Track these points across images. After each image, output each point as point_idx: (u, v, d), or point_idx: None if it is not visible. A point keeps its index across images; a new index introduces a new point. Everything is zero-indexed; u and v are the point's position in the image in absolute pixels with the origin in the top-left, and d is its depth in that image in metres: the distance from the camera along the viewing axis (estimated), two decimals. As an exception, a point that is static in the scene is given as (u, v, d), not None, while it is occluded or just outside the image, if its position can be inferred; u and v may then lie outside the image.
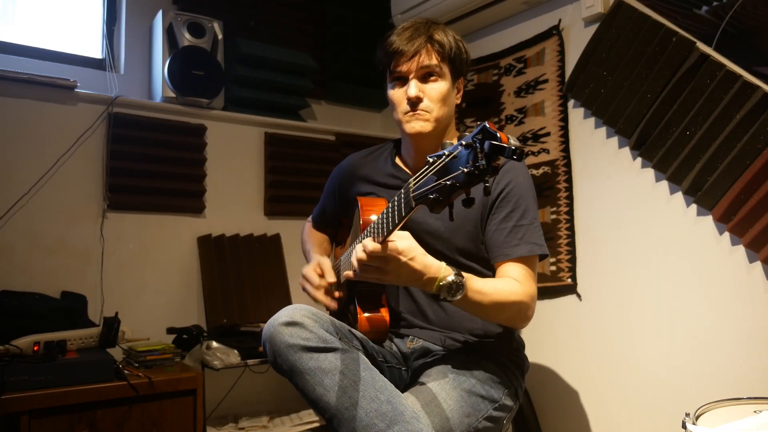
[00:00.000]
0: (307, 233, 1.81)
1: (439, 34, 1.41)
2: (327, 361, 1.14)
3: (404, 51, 1.39)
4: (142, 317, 2.28)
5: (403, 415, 1.11)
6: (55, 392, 1.66)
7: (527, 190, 1.42)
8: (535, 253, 1.36)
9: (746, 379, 1.68)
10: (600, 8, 2.08)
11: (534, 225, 1.39)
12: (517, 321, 1.35)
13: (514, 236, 1.36)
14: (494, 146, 0.84)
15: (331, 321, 1.24)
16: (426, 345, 1.43)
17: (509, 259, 1.36)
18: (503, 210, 1.39)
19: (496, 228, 1.38)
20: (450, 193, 0.91)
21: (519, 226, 1.37)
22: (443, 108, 1.42)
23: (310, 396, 1.15)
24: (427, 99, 1.39)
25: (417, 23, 1.44)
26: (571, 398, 2.18)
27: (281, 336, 1.16)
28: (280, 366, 1.19)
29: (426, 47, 1.39)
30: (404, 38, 1.40)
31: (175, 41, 2.39)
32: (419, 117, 1.40)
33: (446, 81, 1.42)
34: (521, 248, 1.35)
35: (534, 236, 1.37)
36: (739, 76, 1.68)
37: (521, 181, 1.41)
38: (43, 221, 2.17)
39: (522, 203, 1.39)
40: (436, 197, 0.93)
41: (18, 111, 2.14)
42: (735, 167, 1.69)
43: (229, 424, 2.28)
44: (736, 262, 1.73)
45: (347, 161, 1.69)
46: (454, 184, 0.89)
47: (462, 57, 1.45)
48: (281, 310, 1.21)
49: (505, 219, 1.38)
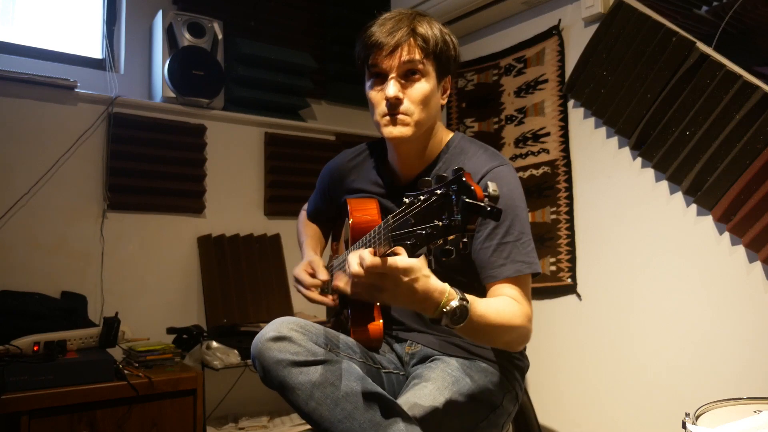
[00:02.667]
0: (303, 223, 1.74)
1: (424, 26, 1.26)
2: (317, 374, 1.12)
3: (383, 44, 1.23)
4: (142, 317, 2.28)
5: (397, 423, 1.10)
6: (55, 392, 1.66)
7: (513, 201, 1.27)
8: (523, 272, 1.23)
9: (746, 379, 1.68)
10: (600, 8, 2.08)
11: (521, 241, 1.25)
12: (515, 345, 1.25)
13: (500, 255, 1.23)
14: (468, 205, 0.79)
15: (320, 332, 1.20)
16: (425, 350, 1.41)
17: (498, 281, 1.24)
18: (487, 226, 1.25)
19: (480, 247, 1.25)
20: (426, 242, 0.86)
21: (504, 243, 1.24)
22: (425, 111, 1.27)
23: (302, 410, 1.13)
24: (407, 100, 1.25)
25: (401, 14, 1.28)
26: (571, 398, 2.18)
27: (269, 352, 1.13)
28: (270, 382, 1.15)
29: (408, 41, 1.24)
30: (385, 30, 1.25)
31: (175, 41, 2.39)
32: (399, 121, 1.26)
33: (430, 80, 1.27)
34: (507, 268, 1.23)
35: (521, 254, 1.24)
36: (739, 76, 1.68)
37: (506, 192, 1.25)
38: (43, 221, 2.17)
39: (507, 217, 1.25)
40: (414, 242, 0.88)
41: (18, 111, 2.14)
42: (735, 167, 1.69)
43: (229, 424, 2.28)
44: (736, 262, 1.73)
45: (335, 163, 1.60)
46: (431, 233, 0.84)
47: (449, 53, 1.30)
48: (268, 324, 1.17)
49: (489, 237, 1.25)
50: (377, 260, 0.95)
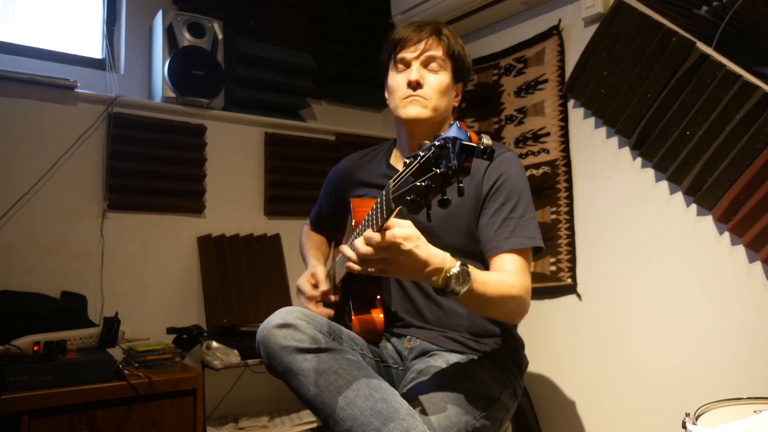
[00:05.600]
0: (306, 236, 1.81)
1: (446, 31, 1.44)
2: (321, 362, 1.14)
3: (410, 38, 1.41)
4: (142, 317, 2.28)
5: (398, 412, 1.11)
6: (55, 392, 1.66)
7: (519, 182, 1.41)
8: (526, 246, 1.34)
9: (746, 379, 1.68)
10: (600, 8, 2.08)
11: (525, 218, 1.37)
12: (515, 315, 1.33)
13: (505, 229, 1.35)
14: (464, 146, 0.85)
15: (324, 322, 1.23)
16: (424, 344, 1.43)
17: (501, 252, 1.34)
18: (494, 203, 1.38)
19: (487, 222, 1.38)
20: (426, 195, 0.90)
21: (510, 218, 1.36)
22: (442, 99, 1.42)
23: (305, 397, 1.15)
24: (427, 86, 1.40)
25: (424, 20, 1.47)
26: (571, 398, 2.18)
27: (275, 338, 1.16)
28: (274, 368, 1.18)
29: (433, 37, 1.41)
30: (411, 28, 1.43)
31: (175, 41, 2.39)
32: (416, 101, 1.40)
33: (448, 75, 1.43)
34: (512, 241, 1.34)
35: (525, 229, 1.35)
36: (739, 76, 1.68)
37: (512, 174, 1.40)
38: (43, 221, 2.17)
39: (513, 196, 1.38)
40: (413, 198, 0.92)
41: (18, 111, 2.14)
42: (735, 167, 1.69)
43: (229, 424, 2.28)
44: (736, 262, 1.73)
45: (343, 164, 1.68)
46: (429, 185, 0.89)
47: (465, 61, 1.47)
48: (275, 313, 1.21)
49: (496, 212, 1.37)
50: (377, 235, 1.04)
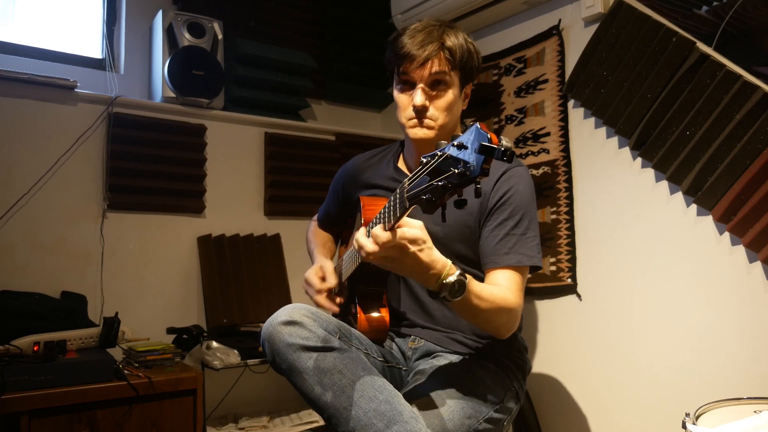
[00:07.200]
0: (313, 232, 1.80)
1: (452, 39, 1.37)
2: (326, 361, 1.14)
3: (415, 56, 1.35)
4: (142, 317, 2.28)
5: (401, 414, 1.11)
6: (55, 392, 1.66)
7: (526, 199, 1.39)
8: (523, 264, 1.33)
9: (746, 379, 1.68)
10: (600, 8, 2.08)
11: (527, 236, 1.35)
12: (503, 330, 1.31)
13: (505, 245, 1.34)
14: (484, 147, 0.83)
15: (330, 320, 1.23)
16: (428, 345, 1.43)
17: (498, 267, 1.33)
18: (499, 217, 1.37)
19: (488, 234, 1.36)
20: (442, 194, 0.89)
21: (511, 234, 1.34)
22: (449, 116, 1.40)
23: (308, 395, 1.15)
24: (432, 108, 1.37)
25: (430, 26, 1.39)
26: (571, 398, 2.18)
27: (280, 335, 1.16)
28: (279, 365, 1.19)
29: (438, 55, 1.35)
30: (416, 42, 1.35)
31: (175, 41, 2.39)
32: (424, 124, 1.38)
33: (454, 89, 1.39)
34: (510, 258, 1.32)
35: (525, 247, 1.34)
36: (739, 76, 1.68)
37: (521, 190, 1.38)
38: (43, 221, 2.17)
39: (518, 212, 1.36)
40: (428, 198, 0.91)
41: (18, 111, 2.14)
42: (735, 167, 1.69)
43: (229, 424, 2.28)
44: (736, 262, 1.73)
45: (351, 163, 1.68)
46: (446, 185, 0.88)
47: (473, 63, 1.42)
48: (280, 309, 1.21)
49: (499, 226, 1.36)
50: (387, 234, 1.04)
